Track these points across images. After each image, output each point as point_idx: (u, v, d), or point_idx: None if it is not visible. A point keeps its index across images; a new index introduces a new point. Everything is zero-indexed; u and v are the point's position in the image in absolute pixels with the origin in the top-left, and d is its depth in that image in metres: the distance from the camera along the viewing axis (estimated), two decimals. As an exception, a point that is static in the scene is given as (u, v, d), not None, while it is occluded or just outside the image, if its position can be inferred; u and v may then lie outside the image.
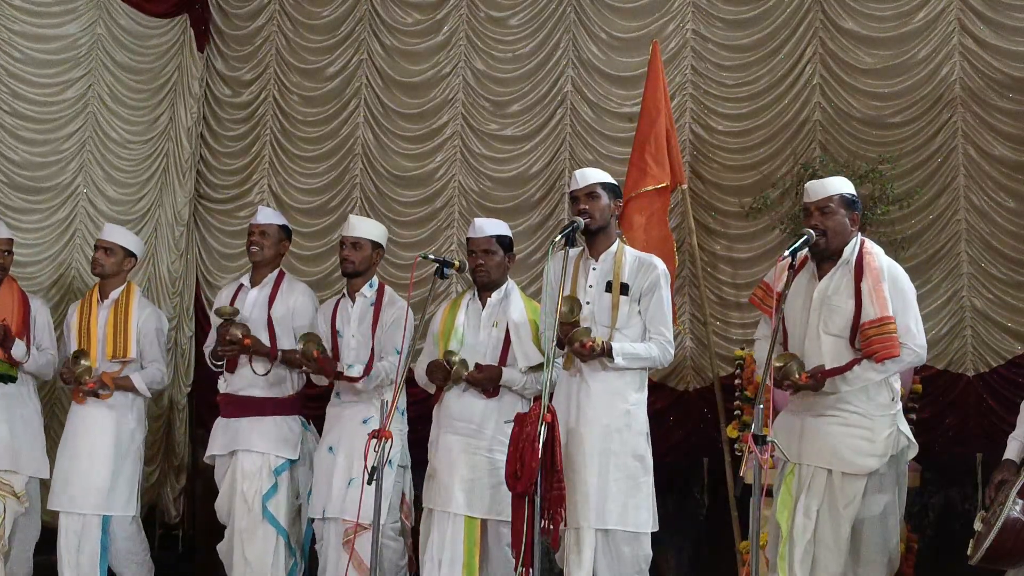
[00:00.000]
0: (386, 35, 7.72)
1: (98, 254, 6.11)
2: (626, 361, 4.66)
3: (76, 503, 5.82)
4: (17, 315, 5.93)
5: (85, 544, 5.81)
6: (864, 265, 4.40)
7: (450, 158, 7.47)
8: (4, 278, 6.02)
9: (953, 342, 6.25)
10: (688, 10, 7.03)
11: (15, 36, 6.93)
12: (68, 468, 5.87)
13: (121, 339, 5.96)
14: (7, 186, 6.88)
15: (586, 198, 4.77)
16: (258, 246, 5.82)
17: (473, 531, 5.05)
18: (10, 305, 5.94)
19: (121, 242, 6.14)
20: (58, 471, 5.91)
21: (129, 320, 5.99)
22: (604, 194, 4.80)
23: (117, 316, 5.98)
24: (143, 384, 5.99)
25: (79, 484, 5.82)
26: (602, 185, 4.81)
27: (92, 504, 5.82)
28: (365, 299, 5.60)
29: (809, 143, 6.66)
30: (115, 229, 6.28)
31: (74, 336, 6.01)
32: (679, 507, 4.85)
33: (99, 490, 5.83)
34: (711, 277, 6.77)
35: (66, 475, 5.86)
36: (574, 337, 4.57)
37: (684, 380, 6.77)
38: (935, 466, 6.02)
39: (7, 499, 5.83)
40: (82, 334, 5.98)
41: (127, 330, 5.97)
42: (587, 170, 4.93)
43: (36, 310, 6.09)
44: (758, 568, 3.81)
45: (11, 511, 5.84)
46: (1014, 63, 6.28)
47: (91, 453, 5.84)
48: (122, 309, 6.01)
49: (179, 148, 7.78)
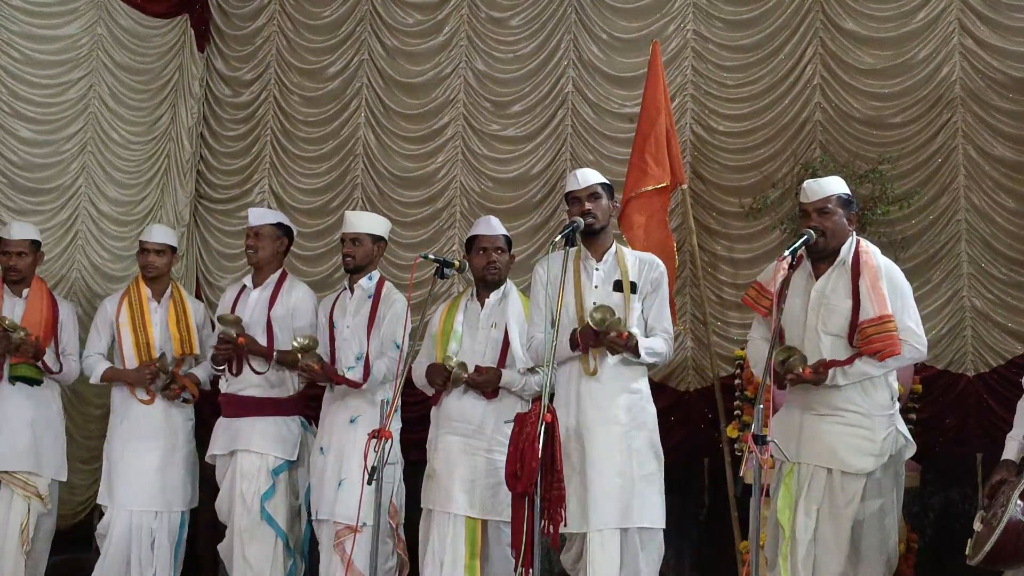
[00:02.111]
0: (387, 35, 7.72)
1: (151, 257, 6.07)
2: (648, 356, 4.69)
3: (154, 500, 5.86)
4: (46, 322, 5.95)
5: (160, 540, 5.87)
6: (861, 264, 4.41)
7: (451, 159, 7.48)
8: (28, 281, 6.01)
9: (953, 342, 6.25)
10: (689, 11, 7.04)
11: (15, 37, 6.93)
12: (134, 466, 5.86)
13: (186, 336, 6.01)
14: (9, 188, 6.89)
15: (589, 199, 4.78)
16: (253, 248, 5.82)
17: (473, 532, 5.06)
18: (39, 312, 5.95)
19: (171, 242, 6.18)
20: (124, 469, 5.88)
21: (189, 317, 6.04)
22: (604, 194, 4.82)
23: (178, 314, 6.02)
24: (205, 377, 6.07)
25: (149, 482, 5.85)
26: (602, 185, 4.83)
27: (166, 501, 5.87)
28: (363, 291, 5.60)
29: (810, 143, 6.67)
30: (160, 229, 6.27)
31: (129, 336, 5.98)
32: (679, 507, 4.85)
33: (174, 488, 5.89)
34: (711, 277, 6.77)
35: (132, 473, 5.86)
36: (612, 326, 4.54)
37: (684, 380, 6.78)
38: (935, 466, 6.03)
39: (32, 500, 5.86)
40: (138, 333, 5.98)
41: (189, 327, 6.02)
42: (587, 171, 4.93)
43: (65, 317, 6.10)
44: (758, 568, 3.81)
45: (35, 512, 5.86)
46: (1014, 63, 6.28)
47: (157, 449, 5.88)
48: (180, 307, 6.05)
49: (180, 148, 7.78)
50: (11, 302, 5.94)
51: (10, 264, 5.95)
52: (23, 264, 5.98)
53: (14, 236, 6.00)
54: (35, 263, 6.07)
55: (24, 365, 5.85)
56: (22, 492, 5.82)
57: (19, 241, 5.99)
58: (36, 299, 5.99)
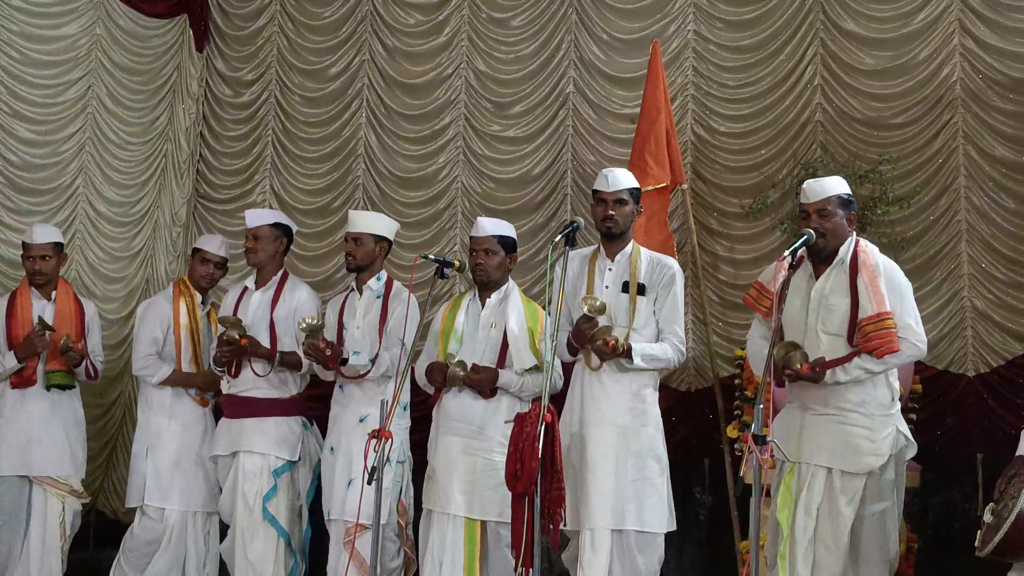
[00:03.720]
0: (388, 36, 7.73)
1: (206, 268, 6.01)
2: (645, 362, 4.68)
3: (210, 501, 5.90)
4: (75, 326, 5.94)
5: (212, 538, 5.94)
6: (859, 263, 4.41)
7: (452, 159, 7.49)
8: (54, 283, 6.00)
9: (953, 342, 6.26)
10: (689, 11, 7.05)
11: (15, 37, 6.95)
12: (190, 467, 5.89)
13: None
14: (8, 188, 6.90)
15: (615, 204, 4.80)
16: (252, 250, 5.81)
17: (473, 532, 5.05)
18: (68, 316, 5.94)
19: (223, 253, 6.10)
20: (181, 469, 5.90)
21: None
22: (630, 200, 4.83)
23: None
24: None
25: (202, 482, 5.90)
26: (630, 191, 4.83)
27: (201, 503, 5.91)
28: (372, 292, 5.59)
29: (810, 144, 6.68)
30: (215, 240, 6.18)
31: (187, 339, 5.93)
32: (679, 507, 4.84)
33: (211, 488, 5.92)
34: (712, 278, 6.78)
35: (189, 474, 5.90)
36: (597, 335, 4.59)
37: (685, 380, 6.79)
38: (935, 466, 6.02)
39: (66, 498, 5.88)
40: (196, 339, 5.97)
41: None
42: (618, 173, 4.89)
43: (91, 318, 6.09)
44: (758, 568, 3.81)
45: (70, 509, 5.90)
46: (1014, 64, 6.29)
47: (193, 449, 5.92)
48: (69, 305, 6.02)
49: (177, 149, 7.79)
50: (40, 304, 5.92)
51: (35, 268, 5.92)
52: (48, 267, 5.95)
53: (37, 240, 5.97)
54: (59, 265, 6.06)
55: (60, 373, 5.84)
56: (54, 490, 5.85)
57: (43, 245, 5.96)
58: (64, 301, 5.99)
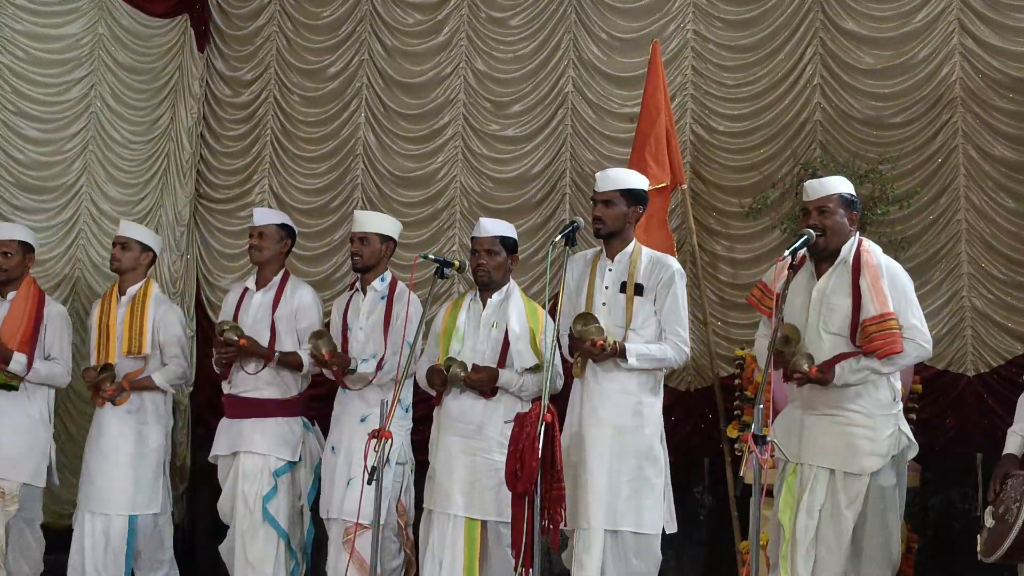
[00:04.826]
0: (387, 35, 7.72)
1: (115, 250, 6.08)
2: (639, 362, 4.68)
3: (101, 504, 5.83)
4: (26, 326, 5.87)
5: (111, 544, 5.83)
6: (862, 263, 4.40)
7: (451, 159, 7.48)
8: (17, 284, 5.95)
9: (953, 342, 6.25)
10: (689, 10, 7.04)
11: (18, 35, 6.96)
12: (93, 470, 5.89)
13: (136, 335, 5.94)
14: (14, 186, 6.91)
15: (602, 204, 4.80)
16: (257, 248, 5.82)
17: (473, 532, 5.05)
18: (20, 315, 5.88)
19: (137, 237, 6.11)
20: (84, 473, 5.94)
21: (145, 316, 5.97)
22: (621, 201, 4.79)
23: (133, 312, 5.96)
24: (164, 381, 5.99)
25: (102, 485, 5.84)
26: (622, 192, 4.80)
27: (115, 504, 5.84)
28: (376, 292, 5.60)
29: (809, 143, 6.67)
30: (131, 225, 6.26)
31: (94, 333, 6.00)
32: (679, 507, 4.85)
33: (121, 490, 5.84)
34: (712, 277, 6.78)
35: (92, 476, 5.89)
36: (585, 336, 4.59)
37: (685, 380, 6.78)
38: (935, 466, 6.03)
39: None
40: (101, 331, 5.97)
41: (143, 326, 5.95)
42: (609, 174, 4.90)
43: (49, 319, 5.99)
44: (758, 568, 3.81)
45: (3, 515, 5.74)
46: (1014, 63, 6.28)
47: (112, 454, 5.86)
48: (139, 305, 5.99)
49: (179, 148, 7.79)
50: None
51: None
52: (9, 264, 5.92)
53: (1, 236, 5.99)
54: (23, 264, 6.00)
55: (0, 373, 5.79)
56: None
57: (5, 241, 5.94)
58: (21, 301, 5.91)
